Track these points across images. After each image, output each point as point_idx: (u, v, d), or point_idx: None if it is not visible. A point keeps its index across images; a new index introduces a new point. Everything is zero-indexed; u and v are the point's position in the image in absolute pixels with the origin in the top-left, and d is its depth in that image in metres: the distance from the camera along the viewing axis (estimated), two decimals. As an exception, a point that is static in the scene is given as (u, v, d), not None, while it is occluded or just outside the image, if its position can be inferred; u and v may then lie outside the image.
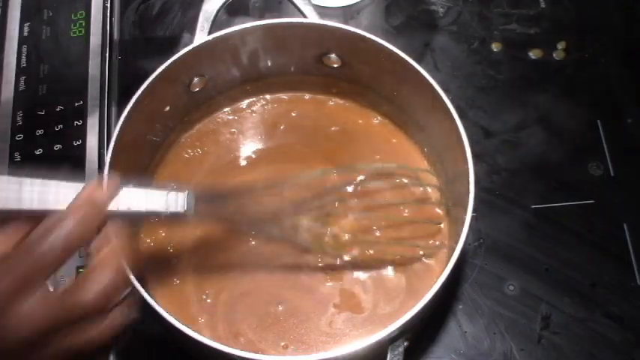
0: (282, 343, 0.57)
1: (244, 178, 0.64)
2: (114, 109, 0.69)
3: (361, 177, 0.63)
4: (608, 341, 0.61)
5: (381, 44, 0.59)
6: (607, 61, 0.74)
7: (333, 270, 0.60)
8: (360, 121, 0.67)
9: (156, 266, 0.60)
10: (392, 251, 0.60)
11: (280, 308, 0.59)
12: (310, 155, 0.65)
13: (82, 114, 0.67)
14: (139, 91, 0.57)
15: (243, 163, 0.65)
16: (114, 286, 0.44)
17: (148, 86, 0.57)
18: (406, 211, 0.62)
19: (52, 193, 0.44)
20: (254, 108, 0.68)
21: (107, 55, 0.71)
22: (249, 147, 0.66)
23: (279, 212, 0.57)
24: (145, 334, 0.60)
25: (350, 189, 0.63)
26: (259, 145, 0.66)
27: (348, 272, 0.60)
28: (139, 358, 0.61)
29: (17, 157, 0.66)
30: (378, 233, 0.61)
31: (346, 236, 0.60)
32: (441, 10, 0.77)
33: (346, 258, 0.60)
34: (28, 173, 0.44)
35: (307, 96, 0.68)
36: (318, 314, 0.58)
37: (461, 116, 0.56)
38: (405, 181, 0.64)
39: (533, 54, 0.75)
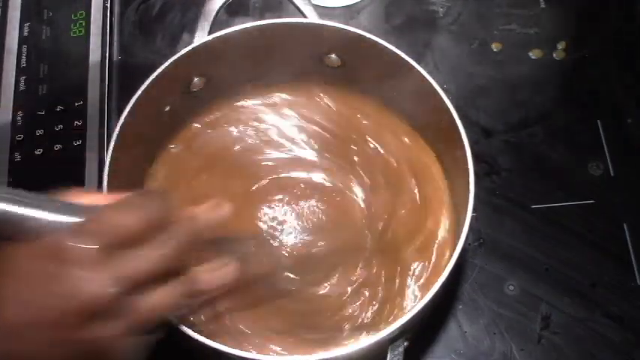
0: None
1: (244, 179, 0.64)
2: (114, 109, 0.69)
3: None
4: (608, 341, 0.61)
5: (381, 44, 0.59)
6: (607, 61, 0.74)
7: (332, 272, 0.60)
8: (360, 121, 0.67)
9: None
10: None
11: (278, 309, 0.58)
12: (310, 155, 0.65)
13: (82, 114, 0.67)
14: (139, 91, 0.57)
15: (243, 163, 0.65)
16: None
17: (147, 86, 0.57)
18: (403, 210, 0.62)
19: None
20: (254, 108, 0.68)
21: (107, 55, 0.71)
22: (249, 147, 0.66)
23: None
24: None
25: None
26: (259, 145, 0.66)
27: (348, 273, 0.60)
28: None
29: (17, 157, 0.66)
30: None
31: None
32: (441, 10, 0.77)
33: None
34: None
35: (307, 96, 0.68)
36: (319, 316, 0.58)
37: (461, 116, 0.56)
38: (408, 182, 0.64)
39: (533, 54, 0.75)
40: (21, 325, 0.38)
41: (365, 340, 0.49)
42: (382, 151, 0.65)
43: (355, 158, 0.65)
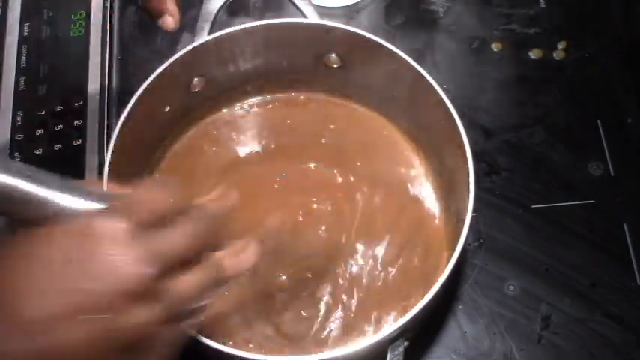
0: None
1: (244, 179, 0.64)
2: (114, 109, 0.69)
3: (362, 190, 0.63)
4: (608, 341, 0.61)
5: (381, 44, 0.59)
6: (607, 61, 0.74)
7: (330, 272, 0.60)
8: (360, 121, 0.67)
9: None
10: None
11: (274, 310, 0.59)
12: (310, 155, 0.65)
13: (82, 114, 0.67)
14: (139, 91, 0.57)
15: (243, 163, 0.65)
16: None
17: (147, 86, 0.57)
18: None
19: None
20: (254, 108, 0.68)
21: (107, 55, 0.71)
22: (249, 147, 0.66)
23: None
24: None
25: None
26: (259, 146, 0.66)
27: (346, 274, 0.60)
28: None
29: (17, 157, 0.66)
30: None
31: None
32: (441, 10, 0.77)
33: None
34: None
35: (307, 96, 0.68)
36: (318, 315, 0.58)
37: (461, 116, 0.56)
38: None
39: (533, 54, 0.75)
40: (56, 315, 0.35)
41: (365, 340, 0.49)
42: (380, 151, 0.65)
43: (353, 158, 0.65)
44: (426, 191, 0.64)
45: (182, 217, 0.40)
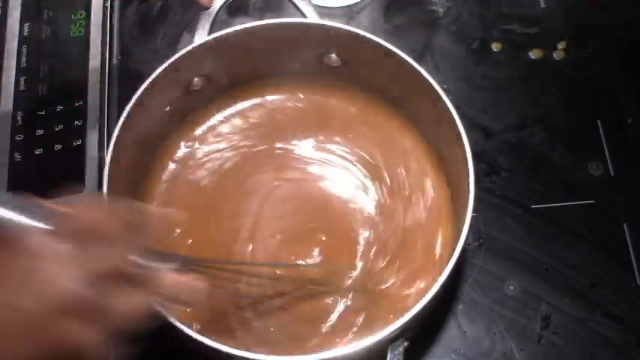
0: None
1: (244, 179, 0.64)
2: (114, 109, 0.69)
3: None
4: (608, 341, 0.61)
5: (381, 44, 0.59)
6: (607, 61, 0.74)
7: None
8: (360, 121, 0.67)
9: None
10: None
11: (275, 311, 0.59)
12: (309, 156, 0.65)
13: (82, 114, 0.67)
14: (139, 91, 0.57)
15: (243, 163, 0.65)
16: None
17: (147, 86, 0.57)
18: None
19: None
20: (254, 108, 0.68)
21: (107, 55, 0.71)
22: (249, 147, 0.66)
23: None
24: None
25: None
26: (259, 145, 0.66)
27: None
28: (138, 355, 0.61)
29: (17, 157, 0.66)
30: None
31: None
32: (441, 10, 0.77)
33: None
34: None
35: (307, 96, 0.68)
36: (318, 316, 0.58)
37: (461, 116, 0.56)
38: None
39: (533, 54, 0.75)
40: None
41: (365, 340, 0.49)
42: (381, 152, 0.65)
43: (353, 159, 0.65)
44: (425, 191, 0.64)
45: (127, 236, 0.40)
